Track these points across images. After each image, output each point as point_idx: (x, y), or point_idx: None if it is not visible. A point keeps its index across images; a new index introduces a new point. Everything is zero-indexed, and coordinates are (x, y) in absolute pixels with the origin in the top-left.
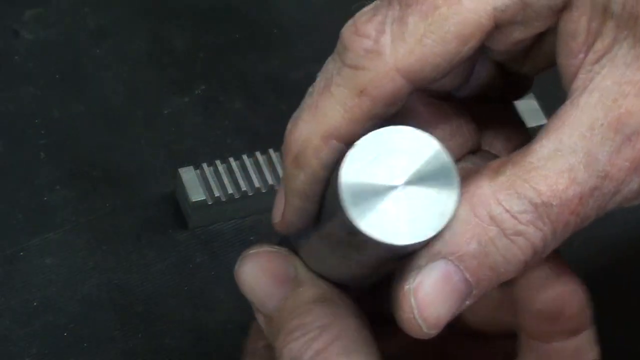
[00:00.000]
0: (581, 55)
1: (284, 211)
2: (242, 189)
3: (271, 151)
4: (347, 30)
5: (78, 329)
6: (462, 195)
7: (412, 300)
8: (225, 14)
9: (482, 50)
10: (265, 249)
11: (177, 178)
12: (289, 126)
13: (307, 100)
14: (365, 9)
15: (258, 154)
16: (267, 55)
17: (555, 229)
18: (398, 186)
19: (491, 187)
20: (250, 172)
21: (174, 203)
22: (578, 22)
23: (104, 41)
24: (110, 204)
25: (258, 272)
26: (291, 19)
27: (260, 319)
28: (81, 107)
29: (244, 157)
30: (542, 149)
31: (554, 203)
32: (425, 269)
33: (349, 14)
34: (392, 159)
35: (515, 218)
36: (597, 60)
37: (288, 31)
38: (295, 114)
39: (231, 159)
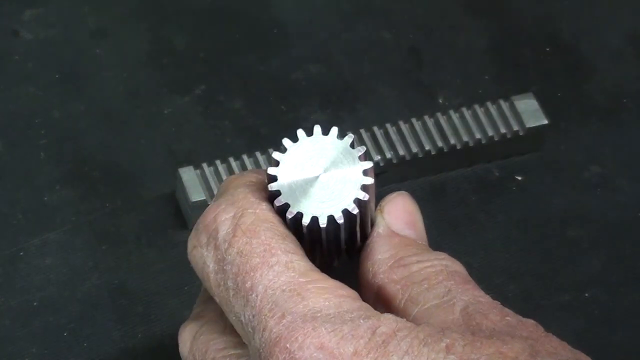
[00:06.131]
0: None
1: None
2: None
3: (271, 151)
4: None
5: (78, 329)
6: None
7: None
8: (225, 14)
9: None
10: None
11: (177, 178)
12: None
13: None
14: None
15: (258, 154)
16: (267, 55)
17: None
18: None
19: None
20: None
21: (174, 203)
22: None
23: (104, 41)
24: (110, 204)
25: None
26: (291, 19)
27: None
28: (81, 107)
29: (244, 157)
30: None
31: None
32: None
33: (349, 14)
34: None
35: None
36: None
37: (288, 31)
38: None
39: (231, 159)
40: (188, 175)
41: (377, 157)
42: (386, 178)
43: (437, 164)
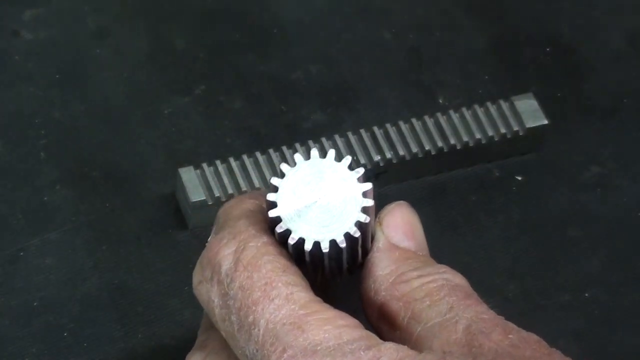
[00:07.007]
0: None
1: None
2: (242, 189)
3: (271, 151)
4: None
5: (78, 329)
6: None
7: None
8: (225, 14)
9: None
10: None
11: (177, 178)
12: None
13: None
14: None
15: (258, 154)
16: (267, 55)
17: None
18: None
19: None
20: (250, 172)
21: (174, 203)
22: None
23: (104, 41)
24: (110, 204)
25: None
26: (291, 19)
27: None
28: (81, 107)
29: (244, 157)
30: None
31: None
32: None
33: (349, 14)
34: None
35: None
36: None
37: (288, 31)
38: None
39: (231, 159)
40: (188, 175)
41: (377, 157)
42: (386, 178)
43: (437, 164)
